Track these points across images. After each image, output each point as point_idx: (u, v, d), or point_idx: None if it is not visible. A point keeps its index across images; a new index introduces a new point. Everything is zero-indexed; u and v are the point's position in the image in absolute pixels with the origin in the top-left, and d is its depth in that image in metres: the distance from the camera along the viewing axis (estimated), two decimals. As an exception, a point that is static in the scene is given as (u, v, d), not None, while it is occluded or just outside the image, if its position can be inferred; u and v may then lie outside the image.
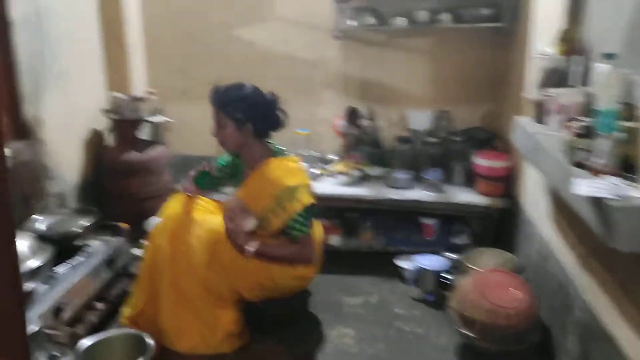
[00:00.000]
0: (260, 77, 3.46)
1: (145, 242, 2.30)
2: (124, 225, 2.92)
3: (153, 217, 3.05)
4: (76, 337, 1.90)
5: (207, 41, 3.47)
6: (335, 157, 3.35)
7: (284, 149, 2.34)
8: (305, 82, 3.46)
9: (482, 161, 2.97)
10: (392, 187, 3.06)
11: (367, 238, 3.13)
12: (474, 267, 2.46)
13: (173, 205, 2.29)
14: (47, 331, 1.75)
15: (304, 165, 3.12)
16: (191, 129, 3.56)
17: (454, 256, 2.76)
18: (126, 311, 2.23)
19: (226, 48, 3.46)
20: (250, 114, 2.14)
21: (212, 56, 3.48)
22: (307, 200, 2.13)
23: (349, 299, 2.73)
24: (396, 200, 2.98)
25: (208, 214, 2.22)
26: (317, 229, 2.37)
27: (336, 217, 3.15)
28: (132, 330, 2.08)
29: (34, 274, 2.00)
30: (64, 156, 2.84)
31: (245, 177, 2.26)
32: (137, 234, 3.01)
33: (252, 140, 2.19)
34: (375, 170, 3.17)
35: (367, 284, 2.88)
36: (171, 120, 3.26)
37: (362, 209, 3.10)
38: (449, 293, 2.40)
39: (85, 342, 1.93)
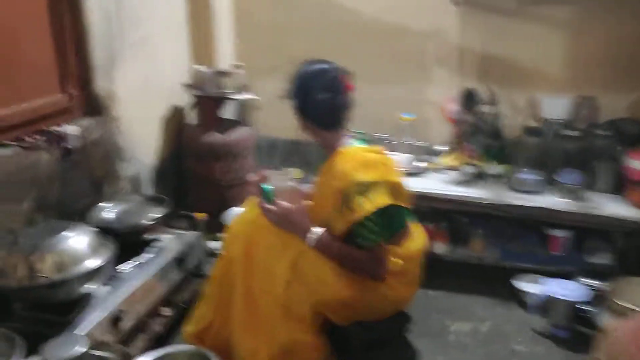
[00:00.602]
0: (362, 52, 3.04)
1: (222, 240, 1.97)
2: (200, 216, 2.62)
3: (234, 208, 2.74)
4: (129, 357, 1.59)
5: (302, 10, 3.04)
6: (445, 149, 2.83)
7: (366, 136, 1.89)
8: (414, 58, 2.94)
9: (635, 163, 2.34)
10: (515, 190, 2.50)
11: (478, 248, 2.61)
12: (628, 306, 1.89)
13: (249, 208, 1.92)
14: (96, 352, 1.45)
15: (404, 157, 2.65)
16: (281, 109, 3.16)
17: (595, 284, 2.18)
18: (190, 326, 1.90)
19: (324, 18, 3.01)
20: (301, 103, 1.74)
21: (308, 27, 3.05)
22: (382, 201, 1.65)
23: (454, 324, 2.26)
24: (519, 207, 2.42)
25: None
26: (419, 235, 1.90)
27: (442, 221, 2.65)
28: (198, 348, 1.74)
29: (92, 274, 1.72)
30: (140, 135, 2.56)
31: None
32: (215, 226, 2.72)
33: (320, 131, 1.76)
34: (493, 168, 2.62)
35: (477, 306, 2.39)
36: (258, 98, 2.89)
37: (474, 213, 2.57)
38: (588, 332, 1.86)
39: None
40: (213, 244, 2.69)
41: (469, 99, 2.78)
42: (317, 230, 1.67)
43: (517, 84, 2.82)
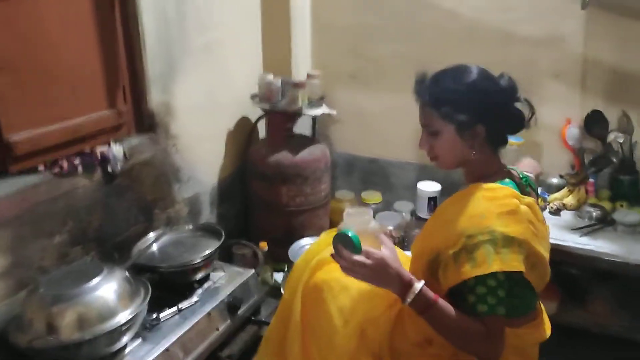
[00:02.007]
0: (458, 61, 2.55)
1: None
2: (262, 246, 2.31)
3: (303, 239, 2.40)
4: None
5: (389, 10, 2.62)
6: (560, 182, 2.31)
7: (529, 176, 1.45)
8: (523, 69, 2.38)
9: None
10: (655, 244, 1.96)
11: (599, 312, 2.09)
12: None
13: (319, 249, 1.56)
14: None
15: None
16: (361, 123, 2.80)
17: None
18: None
19: (415, 20, 2.57)
20: (481, 112, 1.28)
21: (396, 30, 2.62)
22: (517, 264, 1.21)
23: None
24: (662, 268, 1.88)
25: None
26: (546, 323, 1.45)
27: (552, 274, 2.14)
28: None
29: (120, 331, 1.44)
30: (200, 154, 2.28)
31: None
32: (280, 258, 2.39)
33: (480, 150, 1.32)
34: (624, 213, 2.08)
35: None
36: (334, 112, 2.52)
37: (597, 269, 2.05)
38: None
39: None
40: (277, 278, 2.38)
41: (594, 122, 2.25)
42: (419, 285, 1.24)
43: (659, 106, 2.24)
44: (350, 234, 1.23)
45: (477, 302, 1.20)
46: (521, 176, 1.40)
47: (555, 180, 2.33)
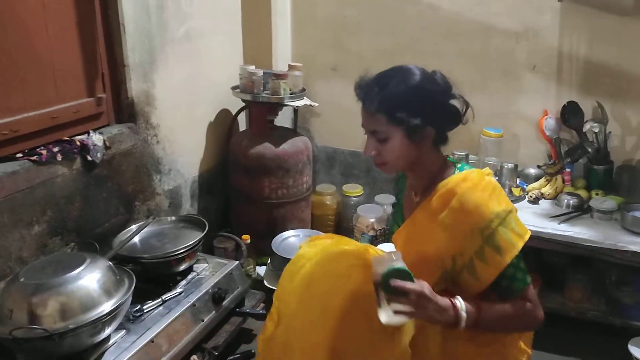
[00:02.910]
0: (438, 53, 2.57)
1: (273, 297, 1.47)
2: (244, 239, 2.29)
3: (285, 232, 2.39)
4: None
5: (372, 2, 2.63)
6: (538, 172, 2.36)
7: (461, 157, 1.44)
8: (502, 62, 2.47)
9: None
10: (628, 231, 2.00)
11: (576, 297, 2.14)
12: None
13: (317, 250, 1.36)
14: None
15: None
16: (342, 116, 2.80)
17: None
18: None
19: (396, 13, 2.58)
20: (429, 114, 1.25)
21: (377, 23, 2.63)
22: (525, 230, 1.25)
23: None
24: (637, 254, 1.93)
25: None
26: None
27: (531, 261, 2.18)
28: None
29: (103, 321, 1.41)
30: (182, 145, 2.25)
31: (410, 206, 1.40)
32: (262, 251, 2.38)
33: (428, 151, 1.31)
34: (600, 201, 2.13)
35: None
36: (316, 104, 2.52)
37: (574, 255, 2.09)
38: None
39: None
40: (259, 271, 2.36)
41: (570, 114, 2.30)
42: (460, 303, 1.18)
43: (632, 98, 2.30)
44: (405, 269, 1.12)
45: (511, 282, 1.21)
46: (460, 161, 1.38)
47: (533, 171, 2.38)
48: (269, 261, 2.32)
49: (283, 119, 2.64)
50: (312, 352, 1.24)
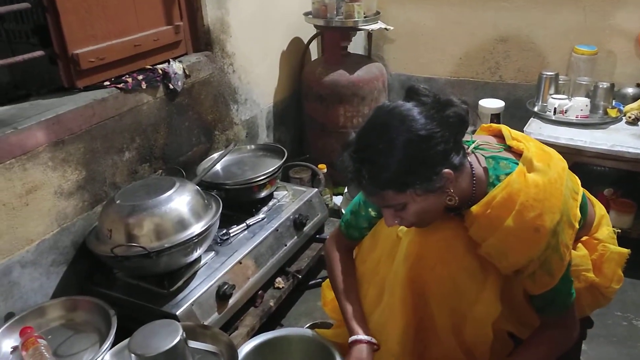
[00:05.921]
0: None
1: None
2: (321, 168, 2.28)
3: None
4: (232, 348, 1.30)
5: None
6: (637, 92, 2.17)
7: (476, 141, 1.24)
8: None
9: None
10: None
11: (676, 224, 2.00)
12: None
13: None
14: (193, 344, 1.19)
15: (578, 102, 2.05)
16: (417, 41, 2.68)
17: None
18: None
19: None
20: (437, 156, 1.04)
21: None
22: (570, 237, 1.12)
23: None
24: None
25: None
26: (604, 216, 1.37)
27: (626, 186, 2.05)
28: (317, 335, 1.42)
29: (195, 242, 1.45)
30: (256, 74, 2.23)
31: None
32: (339, 180, 2.37)
33: (454, 182, 1.08)
34: None
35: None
36: (391, 27, 2.41)
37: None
38: None
39: (246, 348, 1.35)
40: (335, 201, 2.37)
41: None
42: None
43: None
44: None
45: (562, 300, 1.15)
46: (475, 147, 1.18)
47: (631, 90, 2.19)
48: (346, 190, 2.31)
49: (356, 47, 2.55)
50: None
